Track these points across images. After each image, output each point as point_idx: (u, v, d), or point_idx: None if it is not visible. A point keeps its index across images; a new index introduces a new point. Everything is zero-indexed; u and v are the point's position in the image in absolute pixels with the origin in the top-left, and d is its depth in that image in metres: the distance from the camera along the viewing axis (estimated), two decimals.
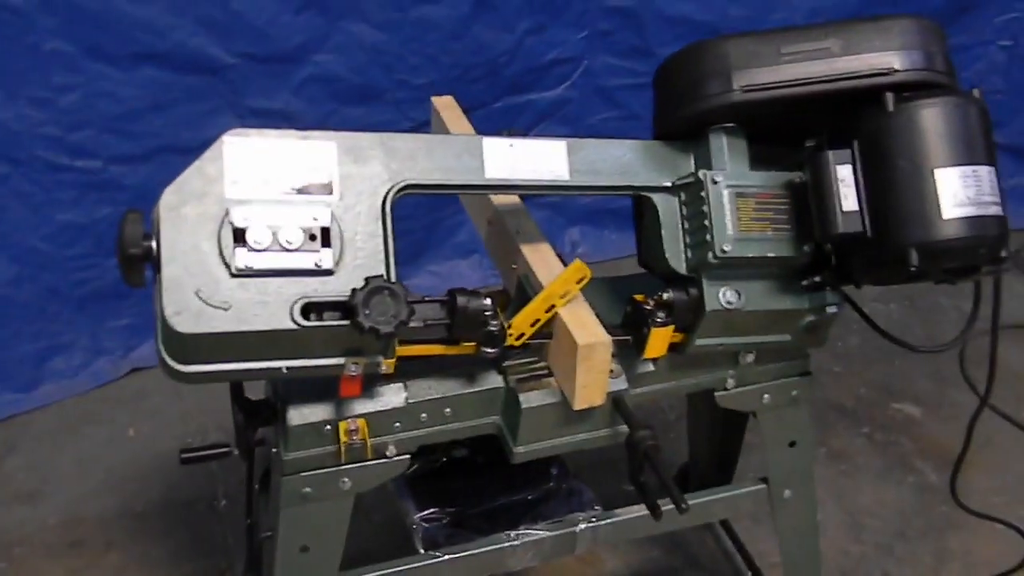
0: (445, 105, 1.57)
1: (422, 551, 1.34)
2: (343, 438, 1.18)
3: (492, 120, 2.47)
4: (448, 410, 1.23)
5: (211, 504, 2.00)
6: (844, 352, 2.51)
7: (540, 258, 1.30)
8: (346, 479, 1.21)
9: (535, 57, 2.45)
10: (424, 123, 1.63)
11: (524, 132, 1.27)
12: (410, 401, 1.21)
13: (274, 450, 1.22)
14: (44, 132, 2.03)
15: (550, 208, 2.76)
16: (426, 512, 1.41)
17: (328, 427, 1.18)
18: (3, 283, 2.14)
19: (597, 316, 1.23)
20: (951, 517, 2.01)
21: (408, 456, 1.23)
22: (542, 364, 1.25)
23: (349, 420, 1.18)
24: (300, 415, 1.17)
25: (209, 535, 1.92)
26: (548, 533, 1.36)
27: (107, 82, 2.03)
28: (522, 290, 1.29)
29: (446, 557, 1.32)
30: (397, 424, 1.21)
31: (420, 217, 2.58)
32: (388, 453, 1.22)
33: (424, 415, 1.22)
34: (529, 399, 1.21)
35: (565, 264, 1.30)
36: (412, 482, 1.46)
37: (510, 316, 1.30)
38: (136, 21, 1.99)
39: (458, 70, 2.33)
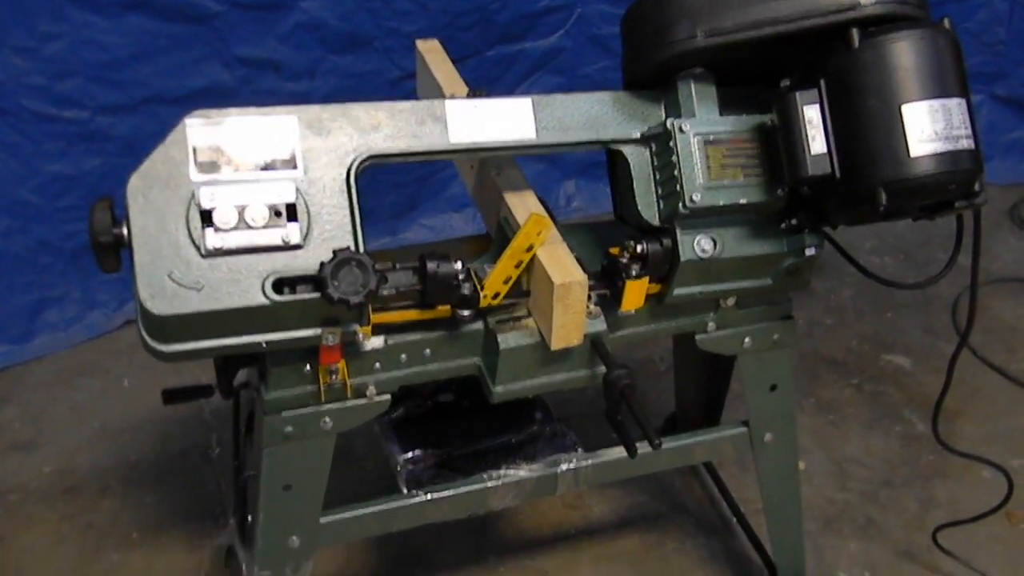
0: (430, 49, 1.55)
1: (405, 491, 1.36)
2: (323, 378, 1.19)
3: (484, 70, 2.45)
4: (428, 351, 1.24)
5: (205, 452, 2.02)
6: (836, 305, 2.52)
7: (520, 202, 1.30)
8: (327, 419, 1.22)
9: (528, 4, 2.42)
10: (414, 73, 1.61)
11: (488, 92, 1.27)
12: (390, 342, 1.21)
13: (256, 390, 1.23)
14: (30, 82, 2.02)
15: (546, 161, 2.75)
16: (410, 454, 1.42)
17: (308, 367, 1.18)
18: None
19: (577, 259, 1.23)
20: (937, 466, 2.03)
21: (388, 396, 1.24)
22: (522, 305, 1.26)
23: None
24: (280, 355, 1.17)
25: (203, 482, 1.95)
26: (529, 474, 1.38)
27: (92, 30, 2.02)
28: (502, 232, 1.29)
29: (429, 496, 1.34)
30: (377, 365, 1.22)
31: (412, 170, 2.57)
32: (368, 393, 1.23)
33: (404, 356, 1.23)
34: (507, 340, 1.21)
35: (550, 212, 1.30)
36: (398, 425, 1.47)
37: (492, 258, 1.31)
38: None
39: (448, 17, 2.30)
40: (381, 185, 2.53)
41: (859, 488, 1.99)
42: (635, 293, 1.23)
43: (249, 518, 1.40)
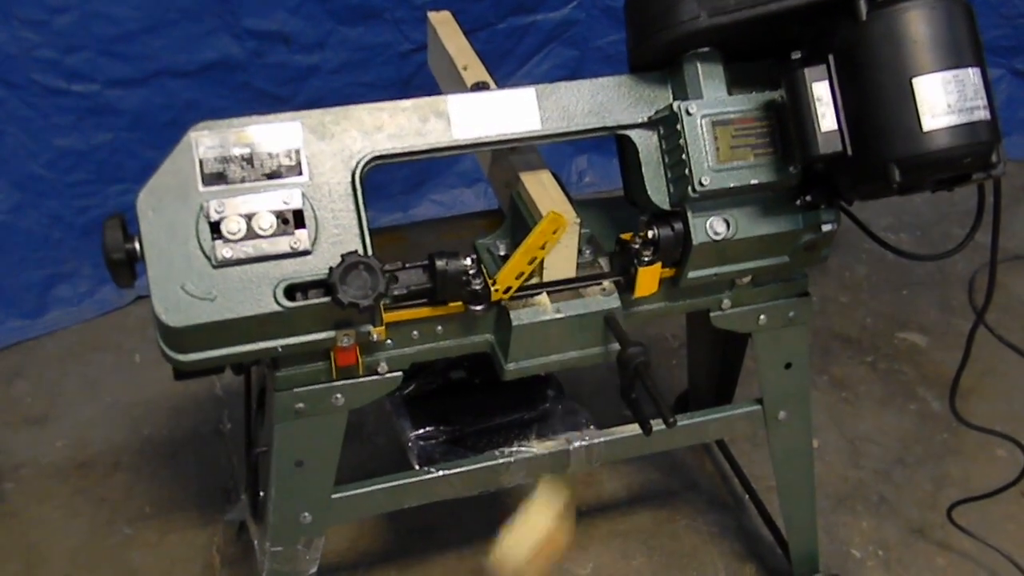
0: (441, 20, 1.53)
1: (416, 468, 1.36)
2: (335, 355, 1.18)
3: (496, 42, 2.42)
4: (439, 328, 1.23)
5: (217, 428, 2.03)
6: (851, 282, 2.49)
7: (535, 181, 1.28)
8: (338, 395, 1.22)
9: None
10: (425, 45, 1.59)
11: (487, 85, 1.28)
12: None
13: (267, 367, 1.23)
14: (40, 55, 2.00)
15: None
16: (422, 430, 1.42)
17: None
18: (5, 210, 2.14)
19: (591, 238, 1.23)
20: (951, 444, 2.01)
21: (400, 373, 1.24)
22: (534, 283, 1.24)
23: None
24: None
25: (215, 457, 1.96)
26: (542, 451, 1.37)
27: (102, 3, 2.00)
28: (515, 208, 1.27)
29: (440, 473, 1.34)
30: (389, 342, 1.21)
31: None
32: (380, 370, 1.22)
33: (415, 333, 1.22)
34: (520, 316, 1.20)
35: (563, 187, 1.28)
36: (409, 402, 1.47)
37: (504, 235, 1.29)
38: None
39: None
40: None
41: (872, 466, 1.97)
42: (648, 279, 1.22)
43: (261, 494, 1.41)
